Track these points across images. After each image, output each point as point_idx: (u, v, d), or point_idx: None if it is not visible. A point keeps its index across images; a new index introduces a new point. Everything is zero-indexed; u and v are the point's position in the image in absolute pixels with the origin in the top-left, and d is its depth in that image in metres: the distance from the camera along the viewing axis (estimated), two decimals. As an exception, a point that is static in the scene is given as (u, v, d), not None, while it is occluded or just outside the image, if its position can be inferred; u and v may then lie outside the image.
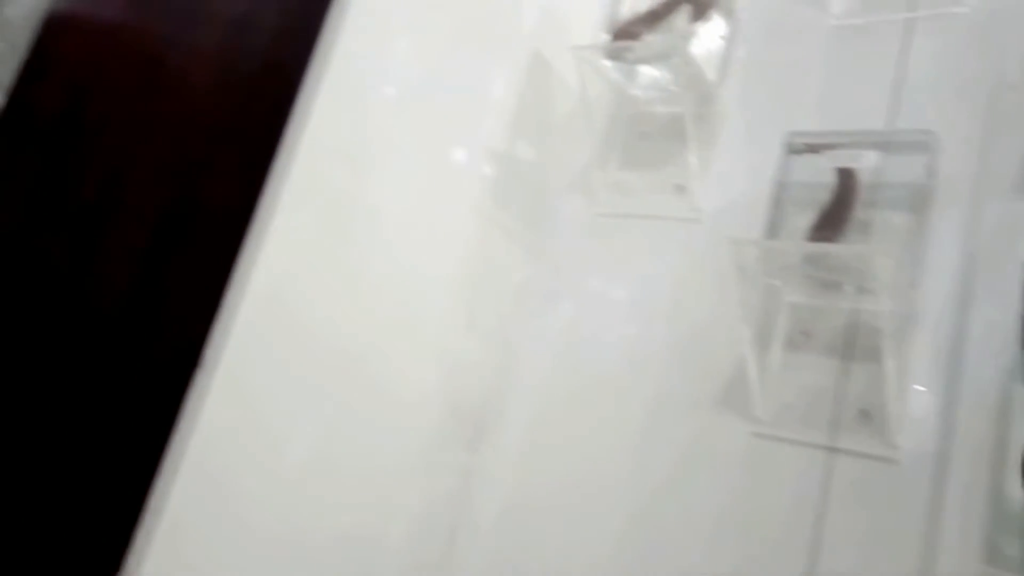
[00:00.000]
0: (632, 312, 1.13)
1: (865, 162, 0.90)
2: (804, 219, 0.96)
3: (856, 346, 0.92)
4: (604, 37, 1.14)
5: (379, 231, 1.00)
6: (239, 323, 0.83)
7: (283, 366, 0.88)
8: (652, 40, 1.09)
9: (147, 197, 0.96)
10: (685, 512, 0.97)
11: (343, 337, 0.96)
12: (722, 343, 1.03)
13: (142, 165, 1.00)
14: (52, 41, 1.18)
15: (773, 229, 0.98)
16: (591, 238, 1.19)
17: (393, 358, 1.03)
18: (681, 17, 1.12)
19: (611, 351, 1.12)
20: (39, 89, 1.16)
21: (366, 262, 0.99)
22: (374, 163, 0.99)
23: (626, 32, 1.11)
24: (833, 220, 0.90)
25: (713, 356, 1.03)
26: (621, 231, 1.17)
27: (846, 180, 0.91)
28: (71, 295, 0.96)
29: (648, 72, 1.20)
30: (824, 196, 0.95)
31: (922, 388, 0.89)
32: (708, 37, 1.13)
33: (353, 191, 0.96)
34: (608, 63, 1.15)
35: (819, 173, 0.97)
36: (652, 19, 1.11)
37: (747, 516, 0.94)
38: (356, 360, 0.98)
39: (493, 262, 1.17)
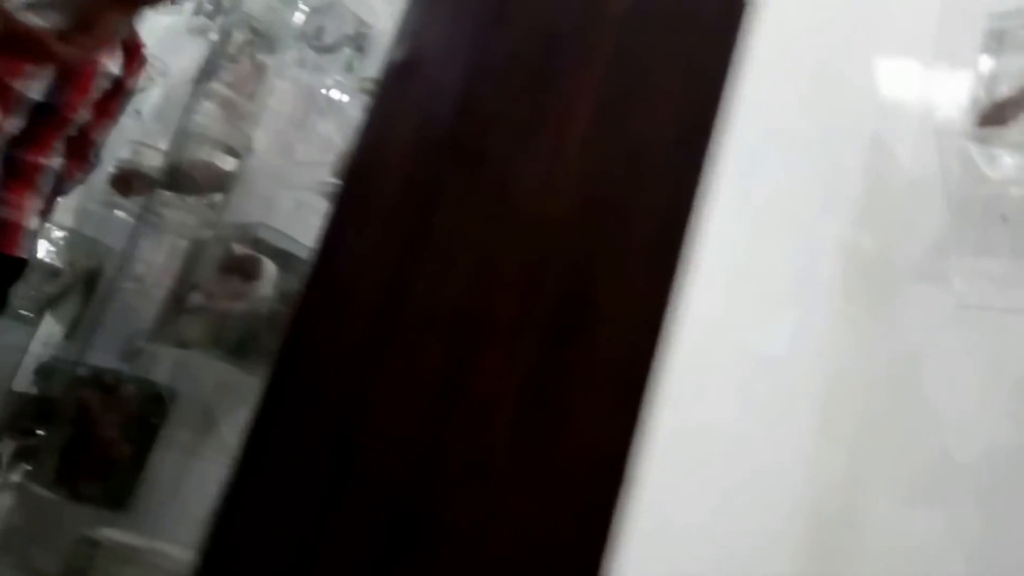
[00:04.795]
0: (1009, 418, 1.02)
1: None
2: None
3: None
4: (966, 118, 1.08)
5: (749, 326, 0.97)
6: (661, 429, 0.79)
7: (698, 472, 0.84)
8: (1031, 123, 1.02)
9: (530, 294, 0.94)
10: None
11: (725, 439, 0.92)
12: None
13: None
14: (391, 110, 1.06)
15: None
16: (952, 332, 1.10)
17: (759, 456, 0.98)
18: (1056, 96, 1.03)
19: (984, 457, 1.02)
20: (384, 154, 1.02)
21: (742, 359, 0.95)
22: (751, 260, 0.96)
23: (997, 116, 1.04)
24: None
25: None
26: (988, 325, 1.07)
27: None
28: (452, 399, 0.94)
29: (1009, 151, 1.11)
30: None
31: None
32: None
33: (741, 271, 0.93)
34: (973, 147, 1.08)
35: None
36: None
37: None
38: (731, 456, 0.94)
39: (844, 358, 1.10)
